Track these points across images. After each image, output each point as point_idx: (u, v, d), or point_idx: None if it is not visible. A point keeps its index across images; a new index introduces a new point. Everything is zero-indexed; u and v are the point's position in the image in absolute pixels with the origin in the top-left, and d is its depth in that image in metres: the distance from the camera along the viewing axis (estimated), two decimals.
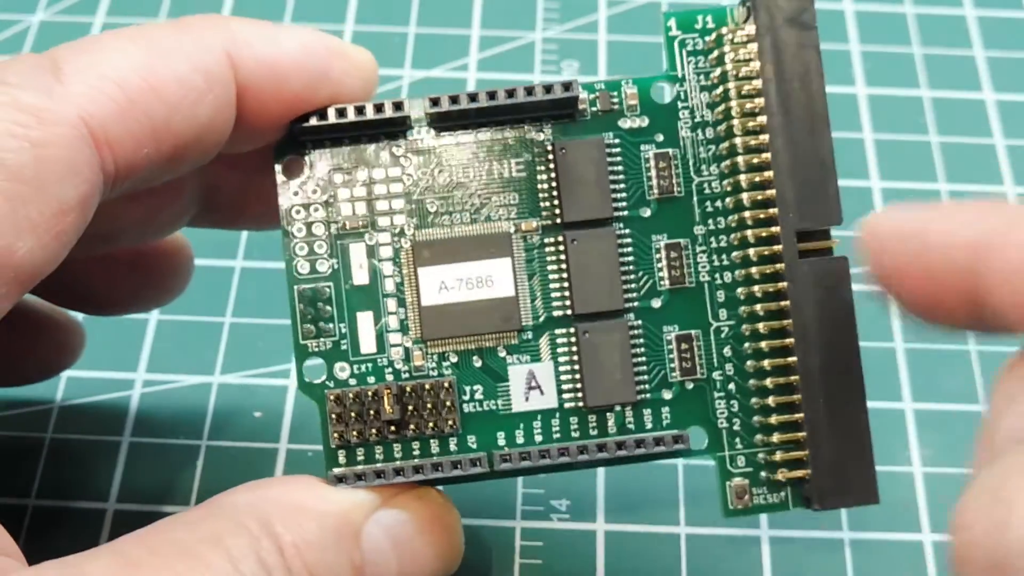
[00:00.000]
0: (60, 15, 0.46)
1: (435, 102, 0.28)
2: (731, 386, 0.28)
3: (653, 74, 0.29)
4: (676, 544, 0.34)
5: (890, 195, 0.42)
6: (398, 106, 0.28)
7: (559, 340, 0.28)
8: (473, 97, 0.28)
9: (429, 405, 0.27)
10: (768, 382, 0.28)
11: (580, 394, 0.28)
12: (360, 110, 0.28)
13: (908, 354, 0.38)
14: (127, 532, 0.34)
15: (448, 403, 0.27)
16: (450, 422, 0.27)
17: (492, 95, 0.28)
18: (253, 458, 0.35)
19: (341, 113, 0.28)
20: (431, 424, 0.27)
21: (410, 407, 0.27)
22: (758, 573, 0.33)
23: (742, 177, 0.28)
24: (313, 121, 0.28)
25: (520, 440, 0.28)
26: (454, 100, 0.28)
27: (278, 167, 0.28)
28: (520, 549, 0.33)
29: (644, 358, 0.28)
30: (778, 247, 0.28)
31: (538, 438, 0.28)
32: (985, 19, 0.48)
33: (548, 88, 0.28)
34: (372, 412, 0.27)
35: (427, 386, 0.27)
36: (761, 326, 0.28)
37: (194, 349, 0.38)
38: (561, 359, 0.28)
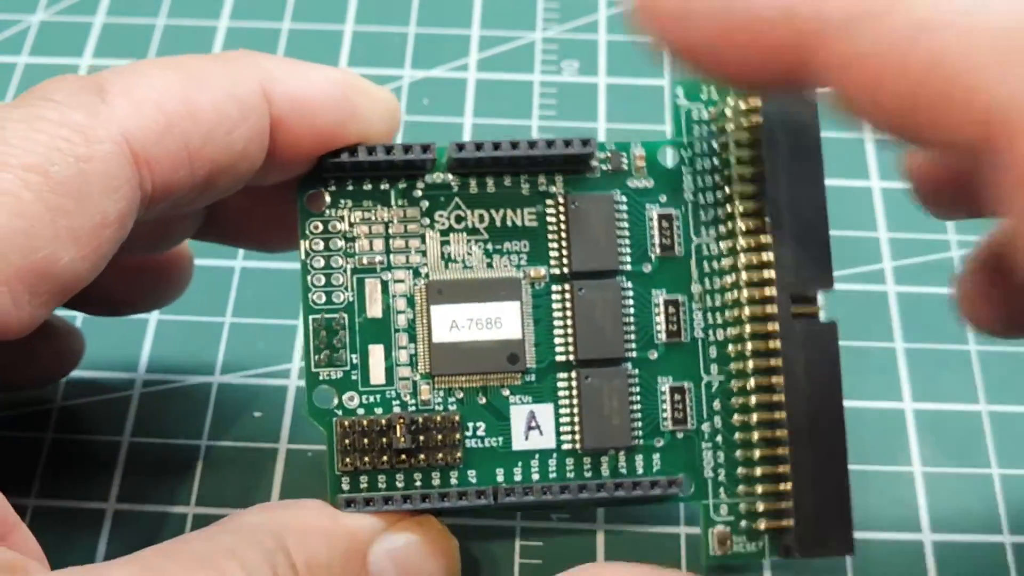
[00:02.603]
0: (60, 15, 0.46)
1: (460, 147, 0.30)
2: (718, 438, 0.31)
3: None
4: (676, 544, 0.34)
5: (890, 195, 0.42)
6: (425, 148, 0.29)
7: (560, 384, 0.30)
8: (497, 145, 0.29)
9: (439, 437, 0.29)
10: (754, 436, 0.30)
11: (578, 436, 0.30)
12: (388, 150, 0.29)
13: (908, 354, 0.38)
14: (127, 532, 0.34)
15: (456, 437, 0.29)
16: (458, 455, 0.29)
17: (515, 145, 0.30)
18: (253, 458, 0.36)
19: (371, 152, 0.29)
20: (439, 456, 0.29)
21: (420, 438, 0.29)
22: (758, 572, 0.33)
23: (740, 240, 0.30)
24: (344, 157, 0.29)
25: (518, 477, 0.30)
26: (479, 147, 0.29)
27: (301, 200, 0.30)
28: (520, 549, 0.34)
29: (639, 406, 0.30)
30: (771, 308, 0.30)
31: (535, 476, 0.30)
32: None
33: (567, 143, 0.30)
34: (383, 440, 0.29)
35: (437, 419, 0.29)
36: (750, 383, 0.30)
37: (194, 349, 0.38)
38: (561, 402, 0.30)
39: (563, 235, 0.30)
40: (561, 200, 0.30)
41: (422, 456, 0.29)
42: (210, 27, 0.46)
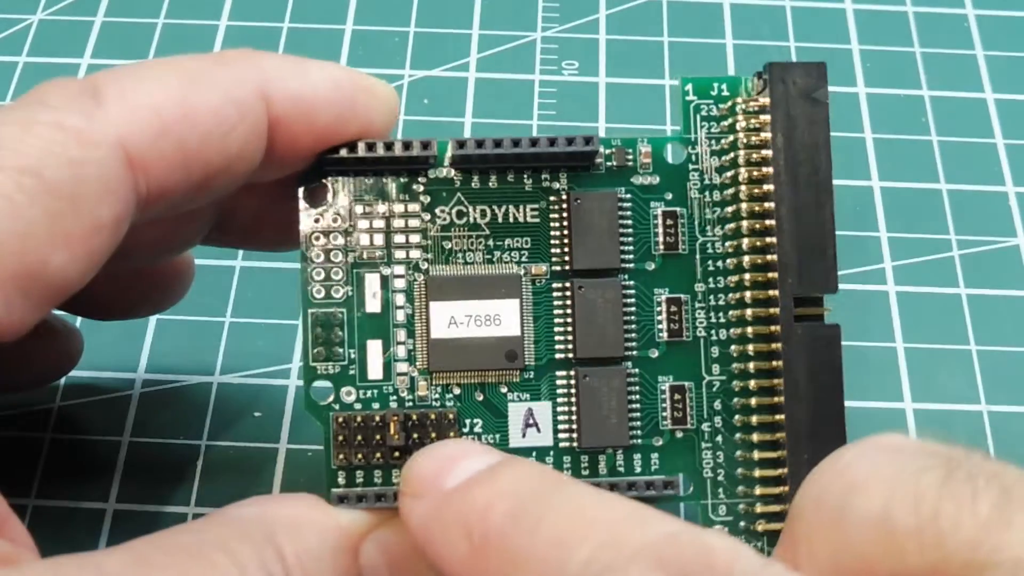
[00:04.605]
0: (60, 15, 0.46)
1: (461, 144, 0.29)
2: (718, 438, 0.30)
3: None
4: None
5: (890, 195, 0.42)
6: (426, 145, 0.29)
7: (559, 382, 0.30)
8: (498, 143, 0.29)
9: (433, 435, 0.29)
10: (754, 437, 0.30)
11: (575, 435, 0.30)
12: (389, 146, 0.29)
13: (908, 354, 0.38)
14: (127, 532, 0.34)
15: (451, 434, 0.29)
16: None
17: (516, 143, 0.29)
18: (253, 458, 0.36)
19: (370, 147, 0.29)
20: None
21: (415, 435, 0.29)
22: None
23: (745, 240, 0.30)
24: (343, 153, 0.29)
25: None
26: (479, 144, 0.29)
27: (302, 194, 0.30)
28: None
29: (638, 405, 0.30)
30: (774, 309, 0.30)
31: None
32: (985, 19, 0.48)
33: (570, 140, 0.29)
34: (377, 437, 0.29)
35: (432, 416, 0.29)
36: (752, 383, 0.30)
37: (194, 349, 0.38)
38: (560, 400, 0.30)
39: (565, 232, 0.30)
40: (564, 197, 0.30)
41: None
42: (210, 27, 0.46)
